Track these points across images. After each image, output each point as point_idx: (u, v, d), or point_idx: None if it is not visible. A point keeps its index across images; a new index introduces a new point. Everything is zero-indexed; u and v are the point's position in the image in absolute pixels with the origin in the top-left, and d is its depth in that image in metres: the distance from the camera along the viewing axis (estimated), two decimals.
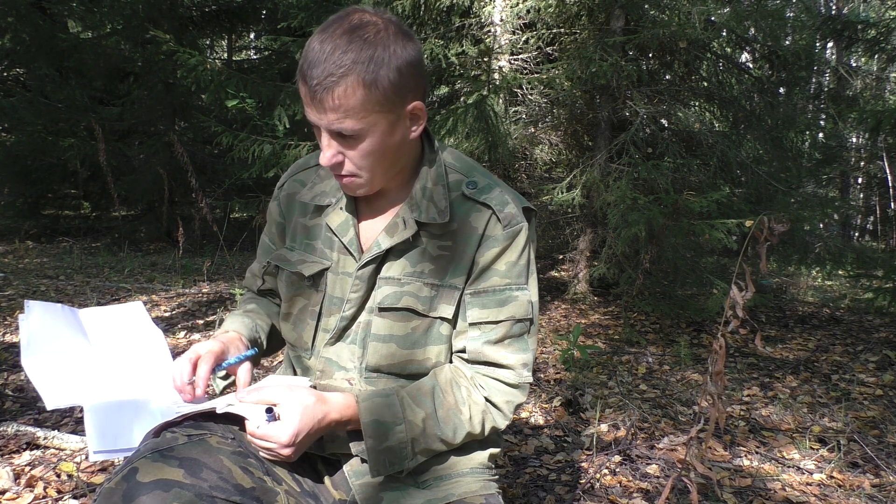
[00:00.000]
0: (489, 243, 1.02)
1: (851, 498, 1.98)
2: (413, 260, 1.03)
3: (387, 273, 1.03)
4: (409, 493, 1.02)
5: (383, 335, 1.03)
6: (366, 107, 0.90)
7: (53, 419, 2.29)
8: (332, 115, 0.90)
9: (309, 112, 0.93)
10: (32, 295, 4.33)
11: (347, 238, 1.05)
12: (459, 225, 1.03)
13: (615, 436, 2.39)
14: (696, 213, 4.01)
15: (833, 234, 7.35)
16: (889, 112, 4.18)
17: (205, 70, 4.81)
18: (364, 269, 1.03)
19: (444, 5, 5.48)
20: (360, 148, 0.94)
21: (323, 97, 0.89)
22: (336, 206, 1.07)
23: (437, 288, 1.03)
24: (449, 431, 1.01)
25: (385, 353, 1.03)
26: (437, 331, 1.04)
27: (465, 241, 1.03)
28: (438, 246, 1.03)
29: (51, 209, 8.96)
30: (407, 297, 1.02)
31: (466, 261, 1.03)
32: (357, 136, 0.93)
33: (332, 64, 0.88)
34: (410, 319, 1.03)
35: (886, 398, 3.00)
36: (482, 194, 1.04)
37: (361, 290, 1.04)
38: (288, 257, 1.11)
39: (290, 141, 4.87)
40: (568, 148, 5.88)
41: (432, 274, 1.03)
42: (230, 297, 4.53)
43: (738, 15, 4.80)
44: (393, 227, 1.03)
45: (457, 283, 1.03)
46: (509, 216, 1.02)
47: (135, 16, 7.18)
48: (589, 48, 4.64)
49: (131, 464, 0.85)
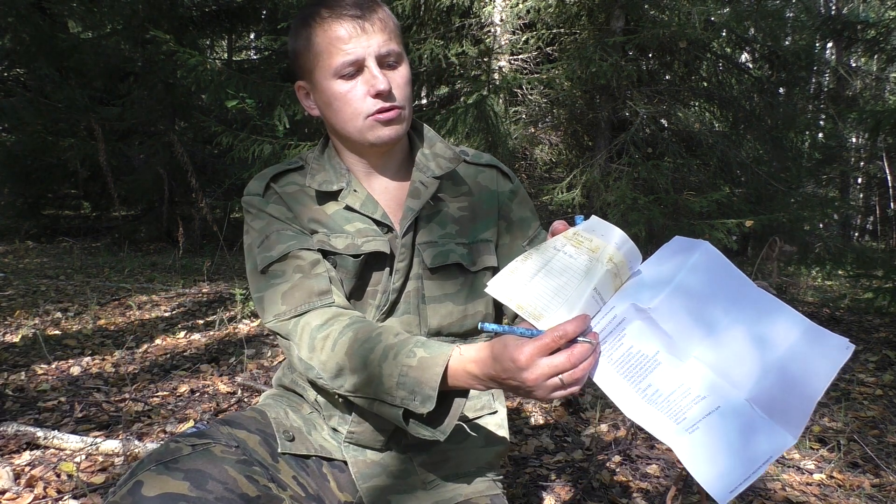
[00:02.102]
0: (509, 197, 1.13)
1: (851, 498, 1.98)
2: (441, 223, 1.07)
3: (423, 238, 1.05)
4: (415, 496, 1.02)
5: (438, 296, 1.05)
6: (398, 34, 0.99)
7: (53, 419, 2.30)
8: (382, 37, 0.96)
9: (352, 47, 0.95)
10: (32, 295, 4.33)
11: (379, 213, 1.04)
12: (471, 185, 1.11)
13: (615, 436, 2.39)
14: (696, 213, 4.01)
15: (833, 234, 7.35)
16: (889, 112, 4.18)
17: (205, 70, 4.81)
18: (406, 236, 1.04)
19: (444, 5, 5.48)
20: (402, 74, 1.00)
21: (372, 18, 0.95)
22: (349, 189, 1.05)
23: (468, 246, 1.07)
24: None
25: (444, 314, 1.05)
26: (481, 283, 1.07)
27: (481, 199, 1.11)
28: (458, 207, 1.09)
29: (51, 209, 8.96)
30: (452, 254, 1.05)
31: (491, 216, 1.11)
32: (398, 63, 0.99)
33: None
34: (457, 276, 1.06)
35: (886, 398, 3.00)
36: (480, 158, 1.14)
37: (406, 259, 1.04)
38: (334, 244, 1.02)
39: (290, 141, 4.87)
40: (568, 148, 5.88)
41: (460, 234, 1.07)
42: (230, 297, 4.53)
43: (737, 15, 4.80)
44: (415, 191, 1.05)
45: (488, 237, 1.10)
46: (508, 170, 1.15)
47: (135, 16, 7.18)
48: (589, 48, 4.64)
49: (135, 476, 0.83)
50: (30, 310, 3.86)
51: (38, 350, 3.05)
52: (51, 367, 2.85)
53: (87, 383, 2.68)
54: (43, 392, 2.56)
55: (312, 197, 1.07)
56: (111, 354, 3.10)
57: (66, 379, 2.73)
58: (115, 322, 3.75)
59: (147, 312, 4.04)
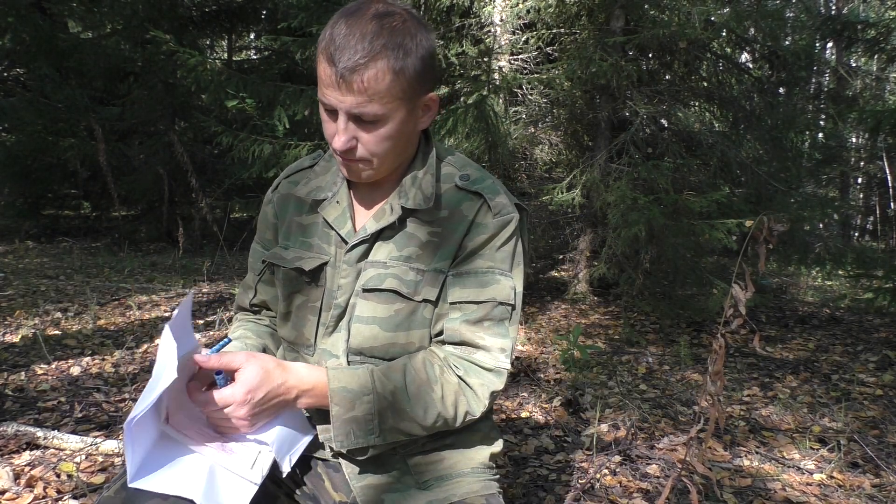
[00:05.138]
0: (478, 230, 1.02)
1: (851, 498, 1.98)
2: (399, 244, 1.03)
3: (373, 257, 1.03)
4: (410, 495, 1.02)
5: (366, 317, 1.02)
6: (391, 93, 0.91)
7: (53, 419, 2.30)
8: (358, 98, 0.90)
9: (329, 94, 0.92)
10: (32, 295, 4.33)
11: (345, 230, 1.05)
12: (450, 212, 1.03)
13: (615, 436, 2.39)
14: (696, 213, 4.01)
15: (833, 234, 7.34)
16: (889, 112, 4.18)
17: (205, 70, 4.81)
18: (350, 252, 1.03)
19: (444, 5, 5.48)
20: (378, 133, 0.94)
21: (351, 79, 0.89)
22: (333, 199, 1.07)
23: (423, 273, 1.02)
24: (419, 410, 0.97)
25: (368, 336, 1.02)
26: (421, 314, 1.03)
27: (454, 228, 1.03)
28: (428, 232, 1.03)
29: (51, 209, 8.96)
30: (391, 279, 1.01)
31: (453, 245, 1.02)
32: (377, 122, 0.93)
33: (363, 47, 0.88)
34: (394, 302, 1.02)
35: (886, 398, 3.00)
36: (474, 185, 1.05)
37: (350, 276, 1.04)
38: (284, 255, 1.10)
39: (290, 141, 4.87)
40: (568, 148, 5.88)
41: (419, 259, 1.02)
42: (230, 296, 4.53)
43: (738, 15, 4.79)
44: (380, 212, 1.04)
45: (442, 267, 1.02)
46: (500, 205, 1.03)
47: (135, 16, 7.18)
48: (589, 48, 4.64)
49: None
50: (30, 310, 3.85)
51: (38, 350, 3.05)
52: (51, 367, 2.85)
53: (87, 383, 2.68)
54: (43, 392, 2.56)
55: (306, 201, 1.10)
56: (111, 354, 3.10)
57: (66, 379, 2.73)
58: (115, 322, 3.75)
59: (147, 312, 4.04)
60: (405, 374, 0.98)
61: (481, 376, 1.01)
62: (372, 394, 0.95)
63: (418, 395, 0.97)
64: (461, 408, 1.00)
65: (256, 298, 1.22)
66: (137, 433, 0.81)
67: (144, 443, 0.85)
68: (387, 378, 0.98)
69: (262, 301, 1.22)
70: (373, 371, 0.98)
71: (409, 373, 0.99)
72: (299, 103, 4.86)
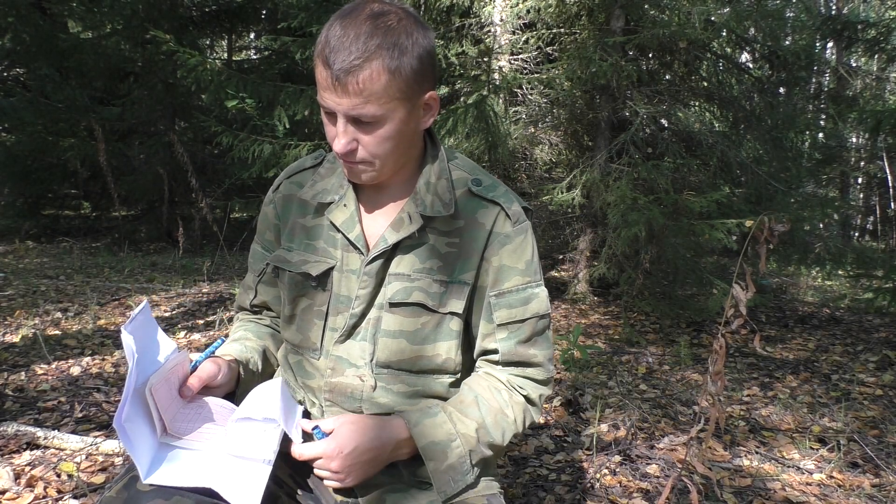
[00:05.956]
0: (501, 241, 1.04)
1: (851, 498, 1.98)
2: (422, 257, 1.03)
3: (396, 269, 1.03)
4: (411, 494, 1.02)
5: (393, 331, 1.02)
6: (388, 93, 0.90)
7: (53, 419, 2.30)
8: (354, 100, 0.90)
9: (327, 96, 0.92)
10: (32, 295, 4.33)
11: (354, 234, 1.04)
12: (467, 221, 1.04)
13: (615, 436, 2.39)
14: (696, 213, 4.01)
15: (833, 234, 7.35)
16: (889, 112, 4.18)
17: (205, 70, 4.82)
18: (371, 264, 1.02)
19: (444, 5, 5.49)
20: (378, 134, 0.94)
21: (346, 81, 0.88)
22: (339, 202, 1.06)
23: (447, 284, 1.03)
24: (498, 435, 1.03)
25: (395, 349, 1.03)
26: (447, 326, 1.04)
27: (473, 238, 1.03)
28: (446, 243, 1.03)
29: (51, 209, 8.95)
30: (417, 292, 1.02)
31: (475, 256, 1.04)
32: (375, 123, 0.93)
33: (357, 48, 0.87)
34: (420, 315, 1.02)
35: (886, 398, 3.00)
36: (489, 192, 1.05)
37: (370, 287, 1.03)
38: (288, 258, 1.09)
39: (290, 141, 4.88)
40: (568, 148, 5.89)
41: (441, 271, 1.03)
42: (230, 296, 4.53)
43: (738, 15, 4.80)
44: (399, 222, 1.02)
45: (466, 279, 1.04)
46: (517, 213, 1.05)
47: (135, 16, 7.18)
48: (589, 48, 4.64)
49: (132, 472, 0.84)
50: (30, 310, 3.85)
51: (38, 350, 3.05)
52: (51, 367, 2.85)
53: (87, 383, 2.68)
54: (43, 392, 2.56)
55: (311, 203, 1.09)
56: (111, 354, 3.10)
57: (66, 379, 2.73)
58: (115, 322, 3.75)
59: None
60: (479, 407, 1.03)
61: (538, 389, 1.09)
62: (458, 437, 1.00)
63: (496, 423, 1.03)
64: (527, 421, 1.09)
65: (257, 299, 1.22)
66: (131, 431, 0.83)
67: (144, 439, 0.85)
68: (465, 416, 1.02)
69: (263, 302, 1.22)
70: (450, 413, 1.01)
71: (483, 405, 1.03)
72: (299, 103, 4.86)
